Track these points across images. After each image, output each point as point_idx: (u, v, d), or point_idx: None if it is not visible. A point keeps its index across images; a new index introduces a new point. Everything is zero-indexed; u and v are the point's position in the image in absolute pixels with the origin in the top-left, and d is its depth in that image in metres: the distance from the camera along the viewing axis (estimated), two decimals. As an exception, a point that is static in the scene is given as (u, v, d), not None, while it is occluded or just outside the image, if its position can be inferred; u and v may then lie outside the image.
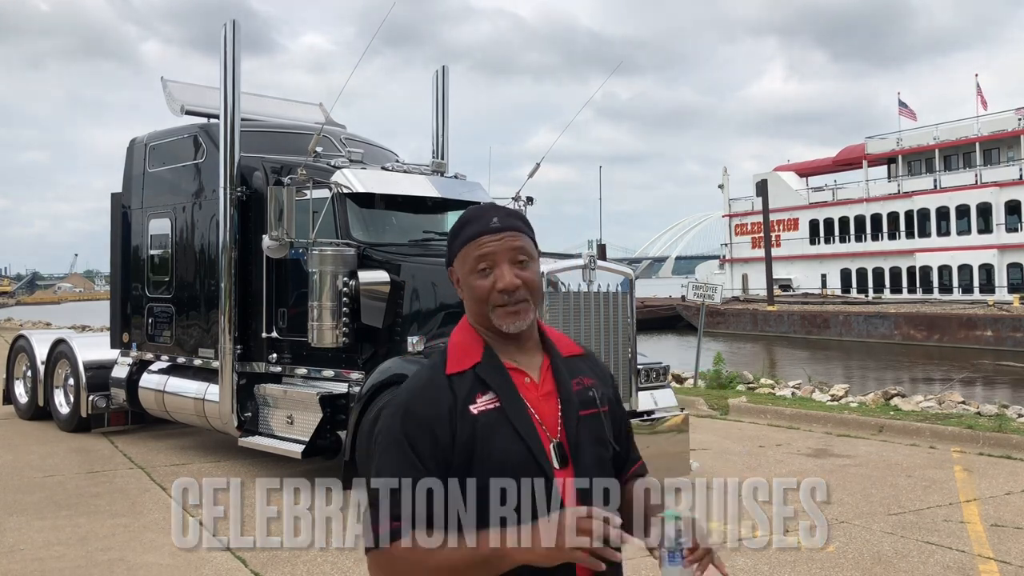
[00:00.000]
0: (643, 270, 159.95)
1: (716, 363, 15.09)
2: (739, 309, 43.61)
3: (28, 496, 7.58)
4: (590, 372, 2.04)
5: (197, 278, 9.19)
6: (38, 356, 11.50)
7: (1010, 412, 11.32)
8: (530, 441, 1.86)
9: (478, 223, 1.95)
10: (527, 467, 1.83)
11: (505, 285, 1.90)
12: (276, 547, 6.30)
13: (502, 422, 1.88)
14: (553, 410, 1.93)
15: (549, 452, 1.87)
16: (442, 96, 10.29)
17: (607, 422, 1.99)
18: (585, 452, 1.89)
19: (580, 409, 1.94)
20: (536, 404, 1.92)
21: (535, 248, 2.00)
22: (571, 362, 2.02)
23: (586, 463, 1.88)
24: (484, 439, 1.85)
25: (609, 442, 1.97)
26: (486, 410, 1.88)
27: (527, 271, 1.94)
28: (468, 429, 1.86)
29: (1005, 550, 5.90)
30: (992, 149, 43.03)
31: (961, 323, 33.53)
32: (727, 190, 56.66)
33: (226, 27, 8.32)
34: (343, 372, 7.77)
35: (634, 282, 7.77)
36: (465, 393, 1.90)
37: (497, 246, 1.92)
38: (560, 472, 1.86)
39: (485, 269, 1.92)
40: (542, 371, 1.97)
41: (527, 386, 1.94)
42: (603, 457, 1.93)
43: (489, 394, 1.90)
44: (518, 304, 1.92)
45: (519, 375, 1.95)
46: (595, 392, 2.00)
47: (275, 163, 8.42)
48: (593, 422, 1.94)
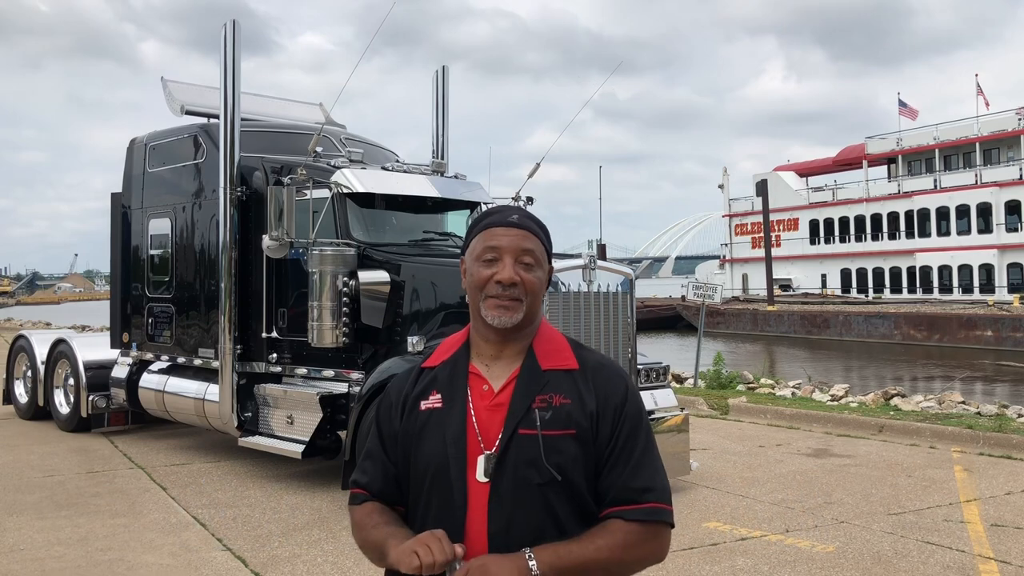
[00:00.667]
0: (643, 270, 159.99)
1: (716, 363, 15.08)
2: (739, 309, 43.61)
3: (28, 496, 7.58)
4: (570, 390, 1.88)
5: (197, 278, 9.19)
6: (38, 356, 11.51)
7: (1010, 412, 11.32)
8: (451, 447, 1.85)
9: (499, 215, 1.98)
10: (442, 471, 1.85)
11: (503, 278, 1.89)
12: (276, 547, 6.34)
13: (438, 424, 1.89)
14: (499, 423, 1.86)
15: (473, 462, 1.83)
16: (442, 96, 10.29)
17: (562, 446, 1.82)
18: (507, 471, 1.81)
19: (521, 427, 1.83)
20: (481, 414, 1.88)
21: (546, 257, 1.98)
22: (550, 376, 1.90)
23: (505, 482, 1.81)
24: (420, 436, 1.91)
25: (546, 467, 1.80)
26: (431, 408, 1.92)
27: (530, 273, 1.92)
28: (413, 423, 1.93)
29: (1005, 550, 5.90)
30: (992, 149, 43.03)
31: (961, 323, 33.53)
32: (727, 190, 56.67)
33: (226, 27, 8.32)
34: (343, 372, 7.77)
35: (634, 282, 7.77)
36: (422, 388, 1.96)
37: (507, 240, 1.92)
38: (483, 484, 1.83)
39: (491, 260, 1.92)
40: (507, 381, 1.91)
41: (482, 393, 1.90)
42: (528, 479, 1.80)
43: (439, 394, 1.93)
44: (510, 300, 1.89)
45: (478, 381, 1.92)
46: (556, 413, 1.84)
47: (275, 163, 8.41)
48: (531, 442, 1.82)
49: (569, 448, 1.83)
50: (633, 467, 1.86)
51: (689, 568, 5.54)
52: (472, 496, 1.83)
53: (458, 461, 1.84)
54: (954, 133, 45.06)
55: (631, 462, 1.87)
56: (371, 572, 5.61)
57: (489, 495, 1.82)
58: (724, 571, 5.52)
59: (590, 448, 1.86)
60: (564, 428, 1.84)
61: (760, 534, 6.31)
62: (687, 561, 5.64)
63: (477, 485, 1.83)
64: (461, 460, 1.84)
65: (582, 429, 1.85)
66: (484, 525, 1.81)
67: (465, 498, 1.83)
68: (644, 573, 1.92)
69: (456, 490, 1.83)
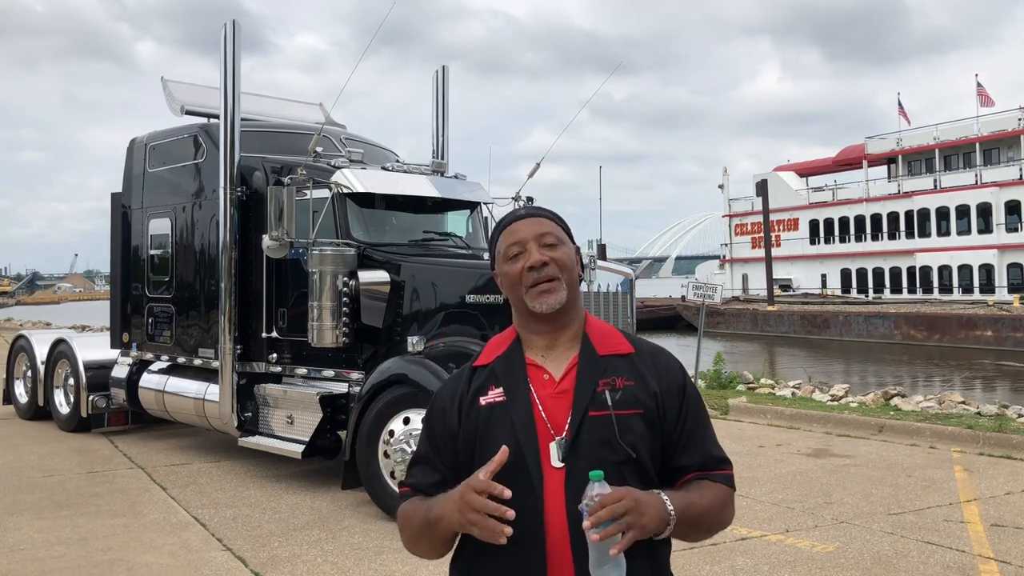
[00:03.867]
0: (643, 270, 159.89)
1: (716, 363, 15.09)
2: (739, 309, 43.61)
3: (28, 496, 7.58)
4: (631, 372, 1.95)
5: (197, 278, 9.19)
6: (38, 356, 11.51)
7: (1010, 412, 11.32)
8: (522, 436, 1.88)
9: (508, 216, 2.05)
10: (514, 461, 1.85)
11: (533, 261, 1.94)
12: (276, 547, 6.33)
13: (504, 415, 1.92)
14: (565, 408, 1.90)
15: (546, 449, 1.87)
16: (442, 96, 10.28)
17: (632, 424, 1.89)
18: (582, 453, 1.85)
19: (591, 409, 1.88)
20: (546, 401, 1.92)
21: (565, 236, 2.03)
22: (609, 361, 1.96)
23: (580, 464, 1.84)
24: (486, 430, 1.92)
25: (621, 446, 1.86)
26: (493, 403, 1.94)
27: (556, 251, 1.97)
28: (474, 420, 1.95)
29: (1005, 550, 5.90)
30: (992, 149, 43.02)
31: (961, 323, 33.52)
32: (727, 190, 56.68)
33: (226, 27, 8.32)
34: (343, 372, 7.77)
35: (634, 282, 7.78)
36: (479, 385, 1.98)
37: (524, 230, 1.98)
38: (558, 470, 1.86)
39: (516, 254, 1.97)
40: (567, 368, 1.96)
41: (543, 383, 1.95)
42: (605, 459, 1.84)
43: (500, 388, 1.95)
44: (549, 281, 1.94)
45: (537, 371, 1.96)
46: (623, 394, 1.91)
47: (275, 163, 8.41)
48: (603, 424, 1.87)
49: (638, 426, 1.90)
50: (710, 440, 2.01)
51: (689, 568, 5.54)
52: (548, 482, 1.85)
53: (532, 449, 1.87)
54: (954, 133, 45.05)
55: (707, 436, 2.01)
56: (371, 572, 5.62)
57: (565, 479, 1.85)
58: (724, 571, 5.52)
59: (656, 427, 1.93)
60: (632, 408, 1.91)
61: (760, 534, 6.31)
62: (687, 561, 5.64)
63: (552, 471, 1.86)
64: (534, 448, 1.87)
65: (648, 409, 1.92)
66: (563, 509, 1.83)
67: (542, 485, 1.85)
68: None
69: (534, 478, 1.85)
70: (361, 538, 6.31)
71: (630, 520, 1.71)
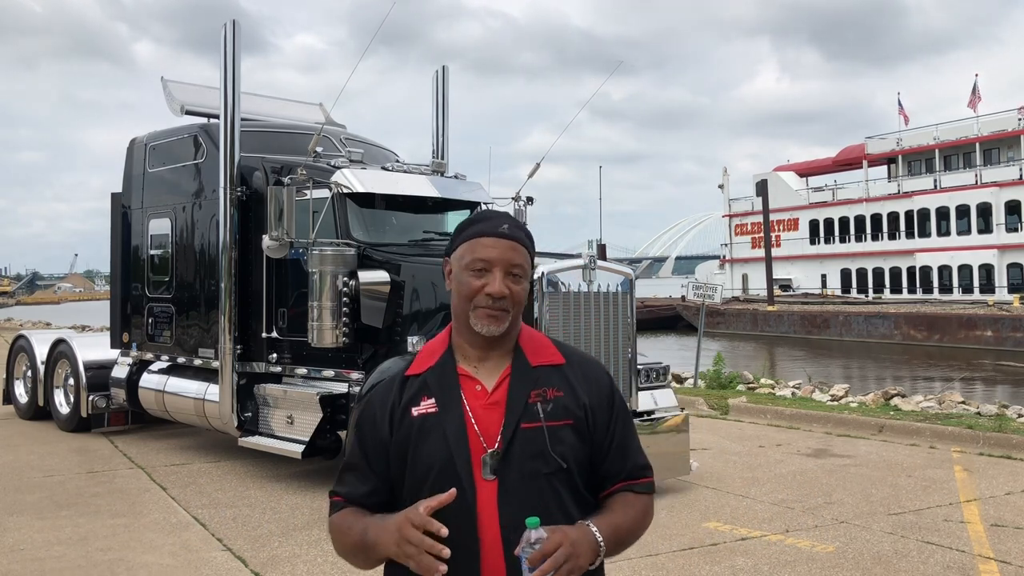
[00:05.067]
0: (643, 270, 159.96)
1: (716, 363, 15.08)
2: (739, 309, 43.60)
3: (28, 496, 7.58)
4: (561, 383, 1.96)
5: (197, 278, 9.19)
6: (38, 356, 11.51)
7: (1010, 412, 11.32)
8: (454, 448, 1.88)
9: (488, 223, 1.99)
10: (447, 472, 1.86)
11: (493, 291, 1.93)
12: (276, 547, 6.33)
13: (436, 427, 1.92)
14: (497, 420, 1.91)
15: (478, 462, 1.87)
16: (442, 96, 10.28)
17: (563, 435, 1.90)
18: (514, 465, 1.86)
19: (523, 421, 1.89)
20: (479, 413, 1.92)
21: (530, 267, 2.03)
22: (541, 372, 1.97)
23: (512, 476, 1.86)
24: (417, 442, 1.92)
25: (553, 457, 1.88)
26: (424, 414, 1.94)
27: (517, 285, 1.96)
28: (407, 431, 1.94)
29: (1005, 550, 5.90)
30: (992, 149, 43.01)
31: (961, 323, 33.52)
32: (727, 190, 56.66)
33: (226, 27, 8.32)
34: (343, 372, 7.77)
35: (634, 282, 7.77)
36: (411, 395, 1.97)
37: (498, 253, 1.95)
38: (490, 482, 1.87)
39: (481, 270, 1.95)
40: (499, 379, 1.96)
41: (476, 394, 1.94)
42: (537, 470, 1.87)
43: (432, 399, 1.94)
44: (500, 311, 1.94)
45: (470, 382, 1.96)
46: (554, 405, 1.92)
47: (275, 163, 8.41)
48: (534, 435, 1.88)
49: (568, 437, 1.92)
50: (635, 449, 2.05)
51: (689, 568, 5.54)
52: (481, 494, 1.86)
53: (464, 461, 1.87)
54: (954, 133, 45.03)
55: (632, 445, 2.05)
56: (370, 572, 5.61)
57: (498, 491, 1.86)
58: (724, 571, 5.52)
59: (586, 436, 1.95)
60: (563, 419, 1.93)
61: (760, 534, 6.31)
62: (687, 561, 5.64)
63: (484, 483, 1.87)
64: (466, 460, 1.88)
65: (578, 419, 1.95)
66: (496, 520, 1.85)
67: (475, 496, 1.86)
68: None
69: (467, 490, 1.85)
70: (361, 538, 6.30)
71: (569, 566, 1.75)
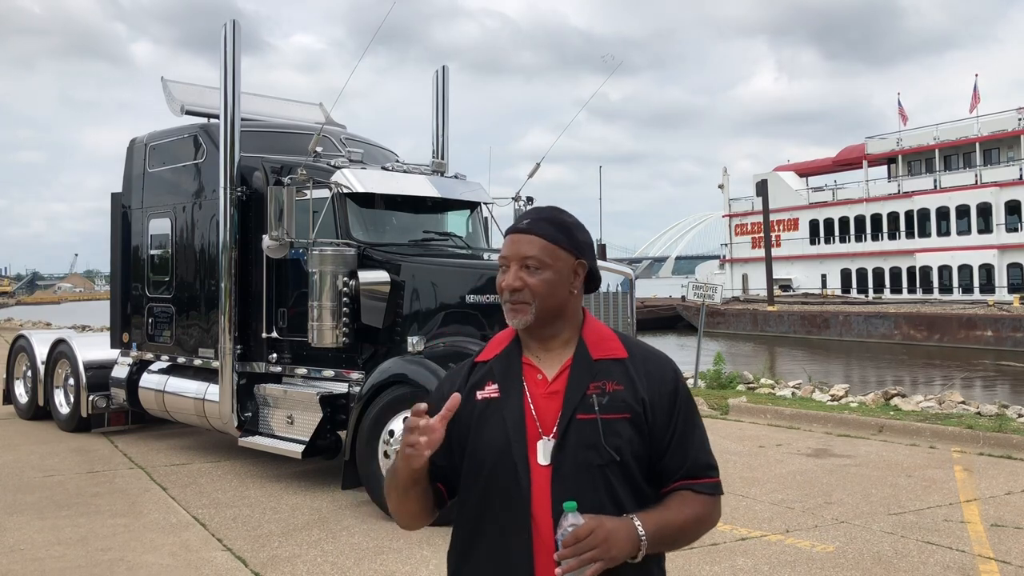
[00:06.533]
0: (643, 270, 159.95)
1: (716, 363, 15.09)
2: (739, 309, 43.59)
3: (28, 496, 7.58)
4: (622, 377, 1.99)
5: (197, 278, 9.19)
6: (38, 356, 11.51)
7: (1010, 412, 11.32)
8: (512, 432, 1.95)
9: (516, 223, 2.10)
10: (503, 456, 1.94)
11: (505, 285, 2.02)
12: (276, 547, 6.33)
13: (497, 411, 2.00)
14: (555, 409, 1.96)
15: (534, 447, 1.93)
16: (442, 96, 10.27)
17: (618, 428, 1.93)
18: (568, 454, 1.91)
19: (579, 412, 1.94)
20: (538, 401, 1.98)
21: (556, 255, 2.02)
22: (601, 365, 2.00)
23: (565, 465, 1.91)
24: (478, 423, 2.01)
25: (605, 449, 1.91)
26: (488, 398, 2.02)
27: (534, 277, 2.00)
28: (470, 412, 2.01)
29: (1005, 550, 5.90)
30: (992, 149, 43.01)
31: (961, 323, 33.51)
32: (727, 190, 56.66)
33: (226, 27, 8.32)
34: (343, 372, 7.77)
35: (634, 282, 7.77)
36: (478, 379, 2.06)
37: (511, 248, 2.03)
38: (545, 468, 1.92)
39: (503, 267, 2.04)
40: (560, 370, 2.01)
41: (537, 382, 2.01)
42: (590, 462, 1.91)
43: (495, 384, 2.03)
44: (519, 303, 2.00)
45: (532, 371, 2.03)
46: (611, 399, 1.95)
47: (275, 163, 8.41)
48: (589, 426, 1.93)
49: (625, 430, 1.95)
50: (697, 447, 2.03)
51: (689, 568, 5.54)
52: (535, 478, 1.92)
53: (520, 446, 1.93)
54: (954, 133, 45.03)
55: (695, 442, 2.03)
56: (371, 572, 5.62)
57: (551, 478, 1.91)
58: (724, 571, 5.52)
59: (644, 431, 1.97)
60: (620, 412, 1.95)
61: (760, 534, 6.31)
62: (687, 561, 5.64)
63: (539, 468, 1.92)
64: (523, 445, 1.94)
65: (636, 413, 1.96)
66: (548, 507, 1.90)
67: (529, 480, 1.91)
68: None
69: (520, 473, 1.92)
70: (361, 538, 6.31)
71: (595, 554, 1.78)
